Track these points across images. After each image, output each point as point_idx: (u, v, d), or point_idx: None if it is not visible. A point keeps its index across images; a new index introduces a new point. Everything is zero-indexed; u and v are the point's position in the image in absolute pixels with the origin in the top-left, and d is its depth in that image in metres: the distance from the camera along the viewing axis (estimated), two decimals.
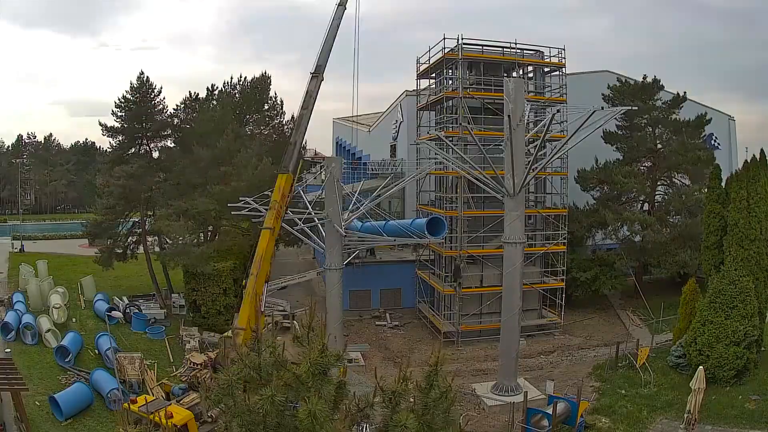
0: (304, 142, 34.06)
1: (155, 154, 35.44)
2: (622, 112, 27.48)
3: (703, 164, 32.77)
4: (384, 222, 30.28)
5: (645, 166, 36.57)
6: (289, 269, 48.30)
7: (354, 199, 29.36)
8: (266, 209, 27.83)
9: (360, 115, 67.79)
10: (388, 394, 6.00)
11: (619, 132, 36.23)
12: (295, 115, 40.15)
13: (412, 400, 6.21)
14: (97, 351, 25.30)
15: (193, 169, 32.71)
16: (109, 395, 21.07)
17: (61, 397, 20.09)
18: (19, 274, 35.80)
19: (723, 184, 26.55)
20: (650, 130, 35.72)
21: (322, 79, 26.07)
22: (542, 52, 32.52)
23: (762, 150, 24.46)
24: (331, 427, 5.45)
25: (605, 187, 35.71)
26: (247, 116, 37.38)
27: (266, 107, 38.04)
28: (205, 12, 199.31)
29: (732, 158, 44.37)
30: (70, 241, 58.11)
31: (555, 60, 32.47)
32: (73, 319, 29.00)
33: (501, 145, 25.19)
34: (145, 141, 35.10)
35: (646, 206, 37.00)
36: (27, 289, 31.46)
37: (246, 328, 19.11)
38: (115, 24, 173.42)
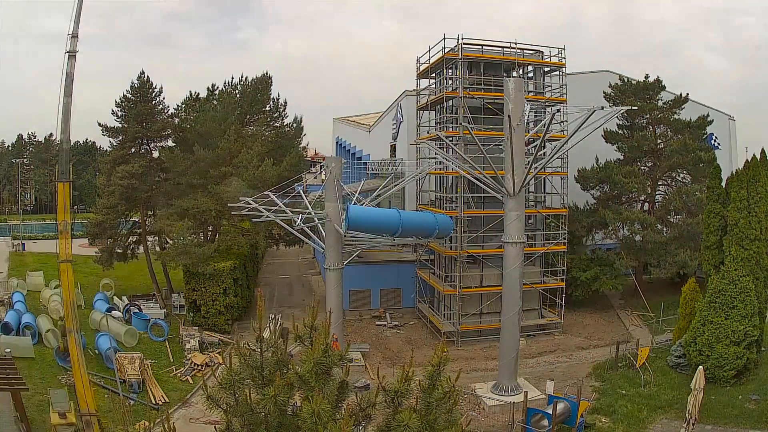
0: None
1: (155, 154, 35.47)
2: (622, 111, 27.47)
3: (704, 164, 32.79)
4: (397, 211, 29.81)
5: (646, 165, 36.58)
6: (289, 269, 48.45)
7: (354, 199, 29.37)
8: (266, 209, 27.78)
9: (360, 115, 67.95)
10: (390, 393, 6.00)
11: (620, 131, 36.27)
12: (297, 116, 40.22)
13: (414, 400, 6.21)
14: (97, 351, 25.33)
15: (194, 169, 32.73)
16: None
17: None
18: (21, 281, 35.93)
19: (723, 183, 26.56)
20: (651, 129, 35.75)
21: None
22: (542, 52, 32.52)
23: (762, 150, 24.49)
24: (334, 427, 5.45)
25: (605, 187, 35.72)
26: (248, 116, 37.37)
27: (268, 108, 38.01)
28: None
29: (732, 158, 44.41)
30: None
31: (555, 60, 32.49)
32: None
33: (501, 145, 25.18)
34: (145, 141, 35.14)
35: (646, 206, 37.02)
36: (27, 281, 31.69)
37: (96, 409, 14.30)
38: None
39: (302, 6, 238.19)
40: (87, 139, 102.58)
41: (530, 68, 33.42)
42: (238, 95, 37.18)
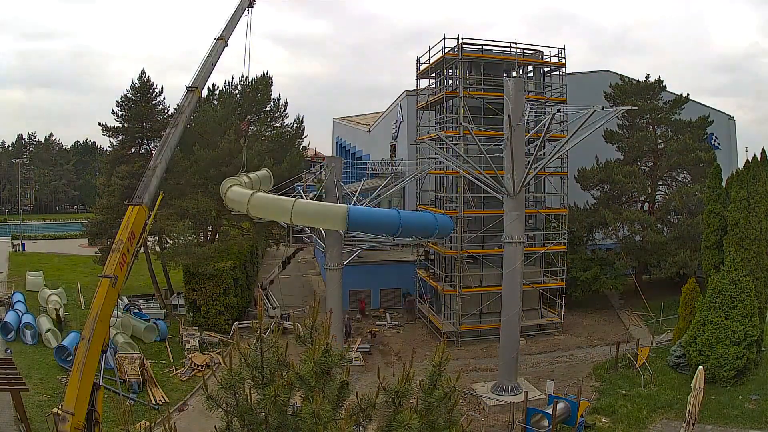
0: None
1: None
2: (622, 111, 27.48)
3: (704, 164, 32.80)
4: (396, 210, 29.79)
5: (646, 165, 36.58)
6: (289, 269, 48.30)
7: (354, 199, 29.35)
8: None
9: (360, 115, 68.00)
10: (391, 393, 6.00)
11: (620, 131, 36.28)
12: (298, 116, 40.19)
13: (414, 400, 6.21)
14: None
15: (194, 169, 32.72)
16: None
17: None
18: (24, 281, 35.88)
19: (723, 183, 26.57)
20: (651, 129, 35.75)
21: (199, 96, 23.67)
22: (542, 52, 32.54)
23: (762, 149, 24.53)
24: (335, 427, 5.45)
25: (606, 187, 35.72)
26: (248, 116, 37.36)
27: (268, 108, 37.98)
28: None
29: (732, 158, 44.46)
30: (70, 241, 58.24)
31: (555, 60, 32.49)
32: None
33: (501, 145, 25.18)
34: (145, 141, 35.14)
35: (646, 206, 37.02)
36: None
37: (75, 412, 14.42)
38: None
39: None
40: (87, 138, 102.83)
41: (530, 68, 33.43)
42: (238, 95, 37.16)
